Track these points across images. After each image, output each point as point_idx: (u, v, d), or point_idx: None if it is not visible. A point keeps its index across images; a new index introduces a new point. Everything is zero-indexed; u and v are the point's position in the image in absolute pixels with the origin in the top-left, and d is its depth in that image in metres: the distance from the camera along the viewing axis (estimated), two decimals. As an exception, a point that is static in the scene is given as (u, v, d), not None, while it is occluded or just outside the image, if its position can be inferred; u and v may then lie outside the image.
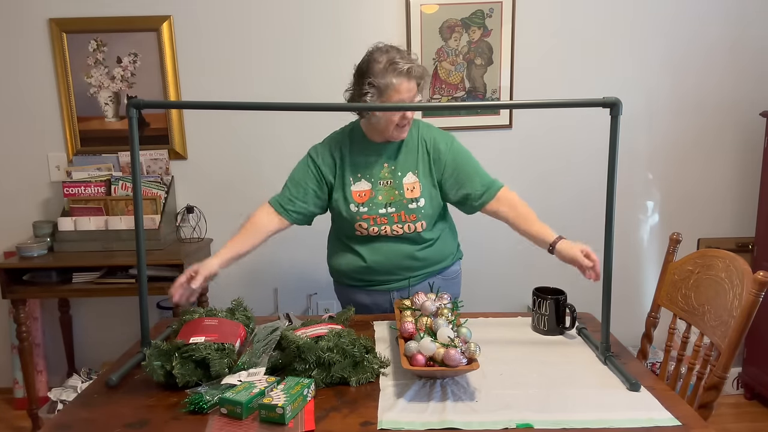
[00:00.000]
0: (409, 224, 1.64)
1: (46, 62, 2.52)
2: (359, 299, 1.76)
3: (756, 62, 2.60)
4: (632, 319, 2.46)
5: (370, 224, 1.64)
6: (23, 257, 2.31)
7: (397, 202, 1.64)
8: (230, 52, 2.53)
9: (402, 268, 1.70)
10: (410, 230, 1.65)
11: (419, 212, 1.64)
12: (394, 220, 1.64)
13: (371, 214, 1.63)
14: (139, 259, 1.37)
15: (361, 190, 1.65)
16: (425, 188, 1.66)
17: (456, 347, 1.17)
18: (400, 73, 1.52)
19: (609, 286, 1.36)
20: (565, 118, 2.59)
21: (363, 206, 1.64)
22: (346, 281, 1.78)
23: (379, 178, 1.66)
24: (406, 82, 1.53)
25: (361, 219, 1.64)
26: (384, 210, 1.64)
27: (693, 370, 1.46)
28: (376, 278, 1.72)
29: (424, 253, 1.70)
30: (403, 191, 1.64)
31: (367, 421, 1.09)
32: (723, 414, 2.55)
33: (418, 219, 1.64)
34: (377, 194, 1.64)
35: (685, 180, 2.70)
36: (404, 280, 1.71)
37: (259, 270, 2.71)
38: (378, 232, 1.64)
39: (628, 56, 2.58)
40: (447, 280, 1.79)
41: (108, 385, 1.24)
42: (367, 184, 1.66)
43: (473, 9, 2.49)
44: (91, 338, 2.75)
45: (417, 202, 1.64)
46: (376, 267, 1.68)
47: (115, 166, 2.53)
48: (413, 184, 1.65)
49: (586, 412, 1.11)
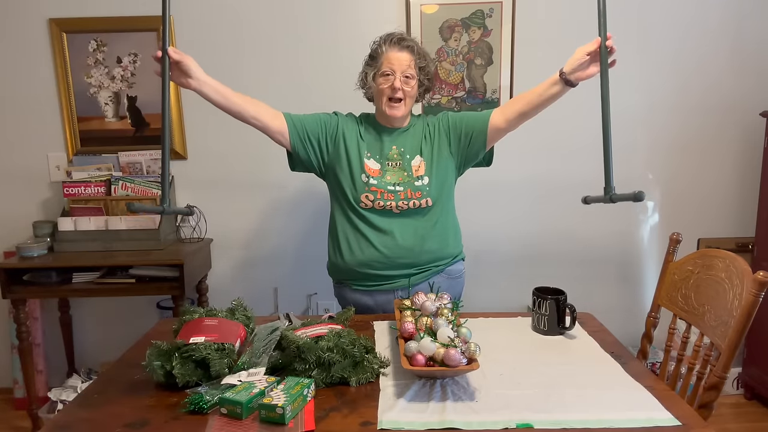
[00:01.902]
0: (414, 200, 1.67)
1: (46, 62, 2.52)
2: (362, 301, 1.75)
3: (756, 62, 2.60)
4: (632, 319, 2.47)
5: (377, 197, 1.66)
6: (23, 257, 2.31)
7: (406, 181, 1.68)
8: (230, 52, 2.53)
9: (409, 251, 1.68)
10: (415, 206, 1.67)
11: (424, 189, 1.68)
12: (400, 197, 1.67)
13: (380, 188, 1.67)
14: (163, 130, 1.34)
15: (372, 167, 1.69)
16: (428, 167, 1.70)
17: (456, 347, 1.17)
18: (392, 42, 1.64)
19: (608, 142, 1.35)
20: (565, 118, 2.58)
21: (374, 179, 1.68)
22: (347, 279, 1.76)
23: (388, 159, 1.70)
24: (397, 51, 1.63)
25: (369, 191, 1.66)
26: (392, 187, 1.67)
27: (693, 370, 1.46)
28: (382, 273, 1.71)
29: (431, 235, 1.70)
30: (411, 172, 1.70)
31: (367, 421, 1.09)
32: (723, 414, 2.55)
33: (423, 196, 1.68)
34: (386, 174, 1.69)
35: (685, 180, 2.70)
36: (407, 279, 1.71)
37: (259, 270, 2.71)
38: (383, 207, 1.66)
39: (628, 56, 2.58)
40: (451, 279, 1.79)
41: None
42: (377, 164, 1.70)
43: (473, 9, 2.49)
44: (91, 338, 2.75)
45: (422, 179, 1.69)
46: (386, 251, 1.67)
47: (115, 166, 2.53)
48: (419, 164, 1.71)
49: (586, 412, 1.11)
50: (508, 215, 2.69)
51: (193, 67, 1.46)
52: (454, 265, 1.80)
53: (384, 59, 1.63)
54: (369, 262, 1.69)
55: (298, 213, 2.67)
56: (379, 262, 1.69)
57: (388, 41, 1.64)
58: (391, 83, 1.63)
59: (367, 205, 1.67)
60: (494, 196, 2.66)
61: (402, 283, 1.72)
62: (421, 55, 1.67)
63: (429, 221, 1.71)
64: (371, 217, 1.68)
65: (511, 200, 2.68)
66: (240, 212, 2.67)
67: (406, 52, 1.63)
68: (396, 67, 1.62)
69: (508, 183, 2.66)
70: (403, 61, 1.62)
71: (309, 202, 2.66)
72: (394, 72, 1.62)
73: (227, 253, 2.69)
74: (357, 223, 1.70)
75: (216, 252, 2.68)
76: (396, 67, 1.62)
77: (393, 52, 1.63)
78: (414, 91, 1.67)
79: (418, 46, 1.67)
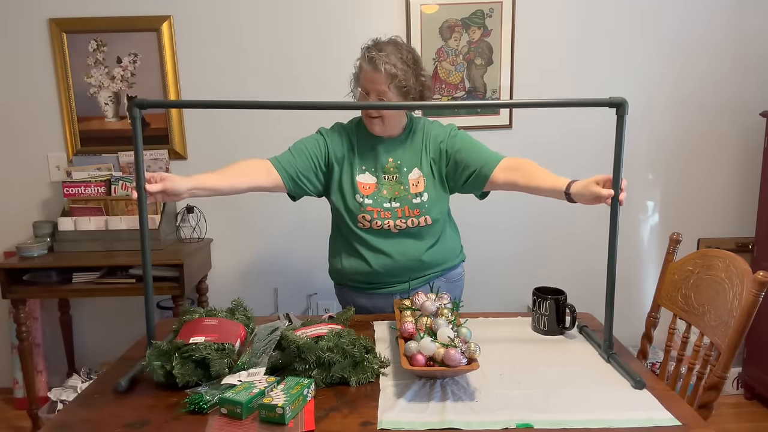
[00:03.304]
0: (413, 219, 1.63)
1: (46, 62, 2.52)
2: (361, 302, 1.74)
3: (756, 62, 2.60)
4: (632, 319, 2.47)
5: (373, 216, 1.61)
6: (23, 257, 2.31)
7: (402, 197, 1.63)
8: (230, 52, 2.53)
9: (407, 269, 1.67)
10: (413, 225, 1.63)
11: (423, 207, 1.63)
12: (398, 215, 1.62)
13: (375, 207, 1.62)
14: (144, 261, 1.34)
15: (366, 182, 1.64)
16: (429, 183, 1.65)
17: (456, 347, 1.17)
18: (366, 60, 1.56)
19: (612, 285, 1.35)
20: (565, 118, 2.59)
21: (368, 198, 1.62)
22: (348, 284, 1.76)
23: (384, 172, 1.65)
24: (371, 72, 1.55)
25: (365, 211, 1.61)
26: (388, 204, 1.62)
27: (693, 370, 1.46)
28: (380, 281, 1.70)
29: (429, 254, 1.67)
30: (408, 186, 1.64)
31: (367, 421, 1.09)
32: (723, 414, 2.55)
33: (422, 214, 1.63)
34: (382, 188, 1.64)
35: (685, 180, 2.70)
36: (406, 283, 1.68)
37: (259, 270, 2.71)
38: (381, 226, 1.62)
39: (628, 56, 2.58)
40: (450, 283, 1.77)
41: (117, 391, 1.21)
42: (372, 177, 1.65)
43: (473, 9, 2.49)
44: (91, 338, 2.75)
45: (421, 196, 1.63)
46: (381, 271, 1.66)
47: (115, 166, 2.53)
48: (418, 179, 1.65)
49: (585, 412, 1.11)
50: (508, 215, 2.68)
51: (177, 185, 1.36)
52: (454, 270, 1.79)
53: (363, 77, 1.59)
54: (369, 274, 1.67)
55: (299, 213, 2.67)
56: (379, 274, 1.67)
57: (364, 58, 1.57)
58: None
59: (364, 226, 1.63)
60: (494, 195, 2.65)
61: (402, 287, 1.70)
62: (393, 74, 1.54)
63: (430, 239, 1.67)
64: (368, 237, 1.64)
65: (512, 200, 2.67)
66: (240, 212, 2.67)
67: (379, 73, 1.54)
68: (370, 87, 1.57)
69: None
70: (376, 81, 1.55)
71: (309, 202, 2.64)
72: (369, 93, 1.58)
73: (227, 253, 2.69)
74: (353, 243, 1.67)
75: (216, 252, 2.68)
76: (370, 87, 1.57)
77: (368, 71, 1.56)
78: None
79: (392, 63, 1.53)
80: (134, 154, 1.32)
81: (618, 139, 1.31)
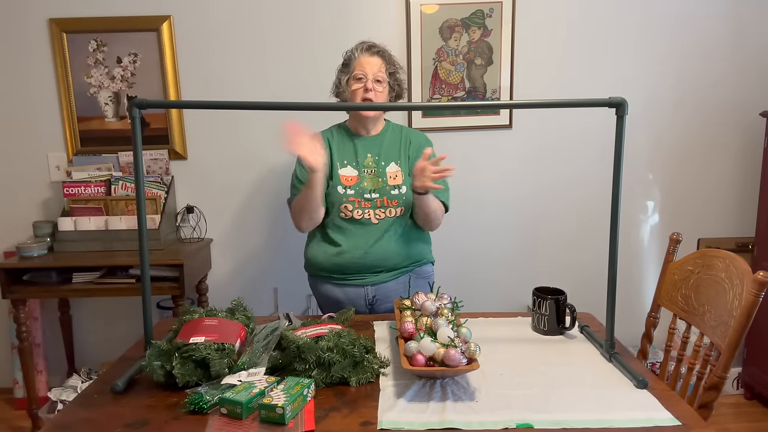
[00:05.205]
0: (390, 209, 1.76)
1: (46, 62, 2.52)
2: (332, 294, 1.82)
3: (756, 62, 2.60)
4: (632, 319, 2.47)
5: (355, 206, 1.74)
6: (23, 257, 2.31)
7: (381, 188, 1.76)
8: (230, 52, 2.53)
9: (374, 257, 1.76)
10: (391, 215, 1.76)
11: (400, 198, 1.76)
12: (377, 205, 1.75)
13: (357, 197, 1.75)
14: (142, 262, 1.35)
15: (348, 175, 1.77)
16: (407, 177, 1.79)
17: (456, 347, 1.17)
18: (363, 48, 1.76)
19: (613, 285, 1.35)
20: (565, 118, 2.59)
21: (350, 189, 1.75)
22: (321, 273, 1.84)
23: (364, 167, 1.78)
24: (369, 57, 1.75)
25: (347, 201, 1.74)
26: (369, 195, 1.75)
27: (693, 370, 1.46)
28: (351, 271, 1.78)
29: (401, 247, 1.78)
30: (386, 179, 1.77)
31: (367, 421, 1.09)
32: (723, 414, 2.55)
33: (398, 204, 1.76)
34: (363, 180, 1.77)
35: (686, 180, 2.70)
36: (378, 275, 1.78)
37: (259, 270, 2.71)
38: (362, 215, 1.74)
39: (628, 56, 2.58)
40: (419, 278, 1.86)
41: (114, 391, 1.21)
42: (354, 170, 1.78)
43: (473, 9, 2.49)
44: (91, 338, 2.75)
45: (399, 188, 1.77)
46: (355, 260, 1.75)
47: (115, 166, 2.53)
48: (396, 172, 1.79)
49: (585, 412, 1.11)
50: (508, 215, 2.68)
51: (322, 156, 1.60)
52: (424, 266, 1.89)
53: (356, 64, 1.75)
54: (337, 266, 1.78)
55: (298, 213, 2.67)
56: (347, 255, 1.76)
57: (359, 48, 1.77)
58: (364, 85, 1.73)
59: (346, 216, 1.75)
60: (495, 195, 2.66)
61: (372, 279, 1.79)
62: (391, 62, 1.78)
63: (405, 233, 1.80)
64: (347, 226, 1.76)
65: (512, 200, 2.67)
66: (240, 212, 2.67)
67: (376, 57, 1.75)
68: (367, 70, 1.73)
69: (508, 183, 2.66)
70: (374, 65, 1.74)
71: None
72: (366, 75, 1.73)
73: (227, 253, 2.69)
74: (329, 232, 1.78)
75: (216, 252, 2.68)
76: (367, 70, 1.73)
77: (365, 57, 1.75)
78: (385, 94, 1.76)
79: (388, 53, 1.79)
80: (133, 154, 1.34)
81: (618, 139, 1.31)
